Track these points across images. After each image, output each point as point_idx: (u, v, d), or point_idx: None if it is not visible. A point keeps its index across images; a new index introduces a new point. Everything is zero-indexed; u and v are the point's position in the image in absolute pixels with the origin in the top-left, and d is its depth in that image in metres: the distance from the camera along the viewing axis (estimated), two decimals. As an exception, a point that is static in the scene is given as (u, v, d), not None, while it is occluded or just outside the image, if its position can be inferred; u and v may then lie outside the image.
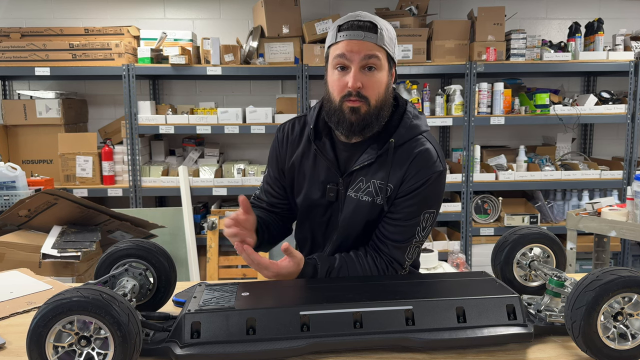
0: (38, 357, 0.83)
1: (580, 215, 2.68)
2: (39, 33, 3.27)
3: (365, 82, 1.20)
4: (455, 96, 3.35)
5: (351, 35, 1.19)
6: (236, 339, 0.93)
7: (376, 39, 1.19)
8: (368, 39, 1.18)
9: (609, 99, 3.48)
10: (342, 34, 1.20)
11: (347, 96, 1.20)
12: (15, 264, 2.07)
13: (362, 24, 1.19)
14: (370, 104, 1.21)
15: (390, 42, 1.22)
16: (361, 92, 1.19)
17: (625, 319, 0.92)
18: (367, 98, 1.20)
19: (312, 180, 1.32)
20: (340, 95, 1.21)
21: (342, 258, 1.27)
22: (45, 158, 3.35)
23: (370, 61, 1.19)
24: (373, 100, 1.21)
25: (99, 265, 1.13)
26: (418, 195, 1.25)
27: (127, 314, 0.84)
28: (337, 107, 1.22)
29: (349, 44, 1.19)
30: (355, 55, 1.18)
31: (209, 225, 3.12)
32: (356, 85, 1.18)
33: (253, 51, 3.25)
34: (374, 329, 0.96)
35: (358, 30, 1.19)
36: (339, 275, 1.25)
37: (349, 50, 1.18)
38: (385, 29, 1.21)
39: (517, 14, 3.64)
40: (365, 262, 1.27)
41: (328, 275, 1.24)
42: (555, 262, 1.24)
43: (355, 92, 1.19)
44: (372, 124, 1.23)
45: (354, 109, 1.20)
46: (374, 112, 1.22)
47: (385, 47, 1.21)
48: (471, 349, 0.97)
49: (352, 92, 1.19)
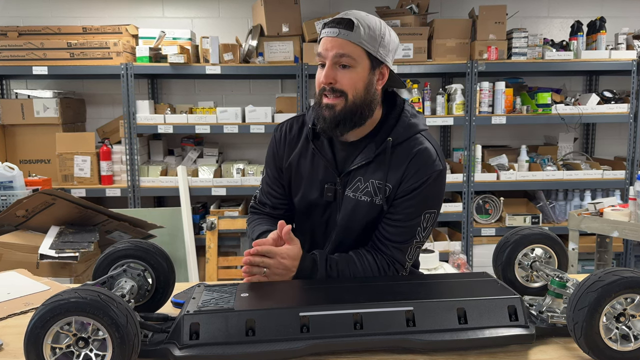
0: (35, 359, 0.83)
1: (582, 216, 2.68)
2: (36, 32, 3.25)
3: (339, 78, 1.20)
4: (457, 95, 3.34)
5: (327, 33, 1.20)
6: (235, 340, 0.92)
7: (350, 35, 1.17)
8: (342, 36, 1.18)
9: (612, 98, 3.47)
10: (323, 31, 1.22)
11: (322, 91, 1.21)
12: (13, 264, 2.05)
13: (340, 21, 1.19)
14: (348, 99, 1.20)
15: (370, 39, 1.19)
16: (335, 87, 1.20)
17: (627, 320, 0.92)
18: (344, 92, 1.20)
19: (309, 180, 1.32)
20: (318, 89, 1.23)
21: (341, 256, 1.27)
22: (43, 158, 3.34)
23: (343, 59, 1.18)
24: (350, 96, 1.20)
25: (97, 266, 1.13)
26: (418, 195, 1.24)
27: (126, 315, 0.84)
28: (317, 101, 1.24)
29: (325, 41, 1.20)
30: (328, 52, 1.19)
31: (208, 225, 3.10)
32: (327, 80, 1.19)
33: (252, 50, 3.24)
34: (374, 330, 0.95)
35: (335, 27, 1.19)
36: (338, 271, 1.24)
37: (325, 48, 1.20)
38: (365, 26, 1.18)
39: (518, 13, 3.63)
40: (366, 261, 1.26)
41: (328, 269, 1.23)
42: (557, 262, 1.23)
43: (329, 87, 1.20)
44: (349, 120, 1.22)
45: (328, 105, 1.21)
46: (352, 109, 1.21)
47: (362, 44, 1.18)
48: (472, 351, 0.97)
49: (326, 87, 1.20)
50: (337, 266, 1.24)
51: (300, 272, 1.22)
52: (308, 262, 1.23)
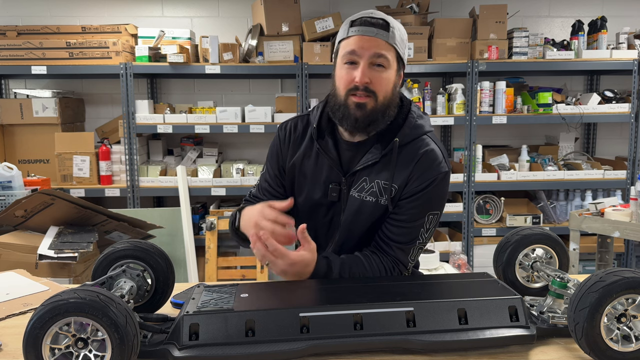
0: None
1: (583, 216, 2.68)
2: (35, 31, 3.25)
3: (373, 78, 1.19)
4: (457, 95, 3.34)
5: (363, 31, 1.19)
6: (235, 341, 0.92)
7: (387, 37, 1.19)
8: (380, 36, 1.19)
9: (613, 98, 3.47)
10: (354, 29, 1.20)
11: (353, 90, 1.20)
12: (12, 265, 2.05)
13: (374, 21, 1.20)
14: (378, 99, 1.21)
15: (401, 42, 1.23)
16: (369, 87, 1.19)
17: (629, 321, 0.91)
18: (375, 93, 1.20)
19: (313, 180, 1.31)
20: (346, 89, 1.21)
21: (350, 258, 1.26)
22: (42, 158, 3.33)
23: (380, 59, 1.19)
24: (381, 97, 1.21)
25: (96, 267, 1.12)
26: (423, 197, 1.24)
27: (125, 316, 0.84)
28: (342, 102, 1.22)
29: (361, 39, 1.19)
30: (365, 51, 1.18)
31: (208, 225, 3.10)
32: (364, 80, 1.18)
33: (252, 49, 3.24)
34: (375, 331, 0.95)
35: (370, 27, 1.19)
36: (350, 275, 1.23)
37: (360, 47, 1.19)
38: (397, 28, 1.22)
39: (519, 12, 3.63)
40: (374, 263, 1.26)
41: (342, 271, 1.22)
42: (558, 263, 1.23)
43: (362, 87, 1.19)
44: (378, 121, 1.23)
45: (359, 105, 1.20)
46: (381, 109, 1.22)
47: (396, 46, 1.21)
48: (473, 351, 0.96)
49: (360, 87, 1.19)
50: (350, 270, 1.23)
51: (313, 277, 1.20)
52: (322, 267, 1.21)
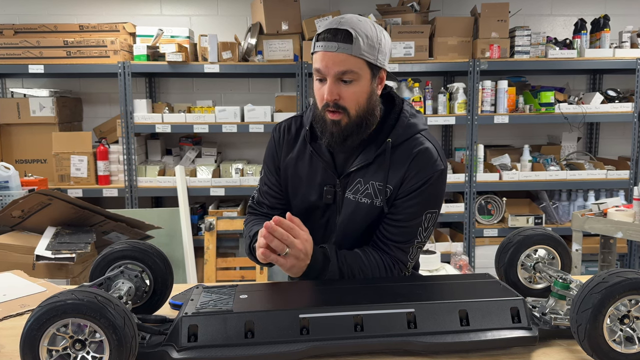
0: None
1: (586, 216, 2.67)
2: (32, 30, 3.24)
3: (342, 94, 1.18)
4: (458, 94, 3.33)
5: (325, 47, 1.16)
6: (234, 343, 0.92)
7: (351, 49, 1.15)
8: (342, 50, 1.15)
9: (615, 97, 3.46)
10: (318, 44, 1.18)
11: (325, 107, 1.20)
12: (9, 265, 2.04)
13: (336, 33, 1.15)
14: (350, 114, 1.19)
15: (370, 48, 1.17)
16: (339, 102, 1.18)
17: (632, 322, 0.91)
18: (346, 109, 1.19)
19: (308, 182, 1.31)
20: (321, 104, 1.21)
21: (348, 252, 1.25)
22: (39, 157, 3.32)
23: (345, 75, 1.17)
24: (353, 111, 1.20)
25: (94, 267, 1.12)
26: (419, 195, 1.23)
27: (123, 317, 0.84)
28: (321, 116, 1.22)
29: (324, 56, 1.16)
30: (329, 69, 1.16)
31: (207, 226, 3.09)
32: (332, 98, 1.18)
33: (251, 48, 3.23)
34: (375, 332, 0.95)
35: (332, 41, 1.15)
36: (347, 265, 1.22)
37: (325, 65, 1.17)
38: (364, 36, 1.16)
39: (521, 11, 3.62)
40: (372, 258, 1.25)
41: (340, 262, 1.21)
42: (560, 264, 1.23)
43: (332, 104, 1.18)
44: (354, 134, 1.22)
45: (334, 122, 1.20)
46: (356, 122, 1.21)
47: (363, 56, 1.16)
48: (474, 353, 0.96)
49: (330, 104, 1.19)
50: (346, 260, 1.23)
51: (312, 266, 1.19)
52: (319, 254, 1.20)
